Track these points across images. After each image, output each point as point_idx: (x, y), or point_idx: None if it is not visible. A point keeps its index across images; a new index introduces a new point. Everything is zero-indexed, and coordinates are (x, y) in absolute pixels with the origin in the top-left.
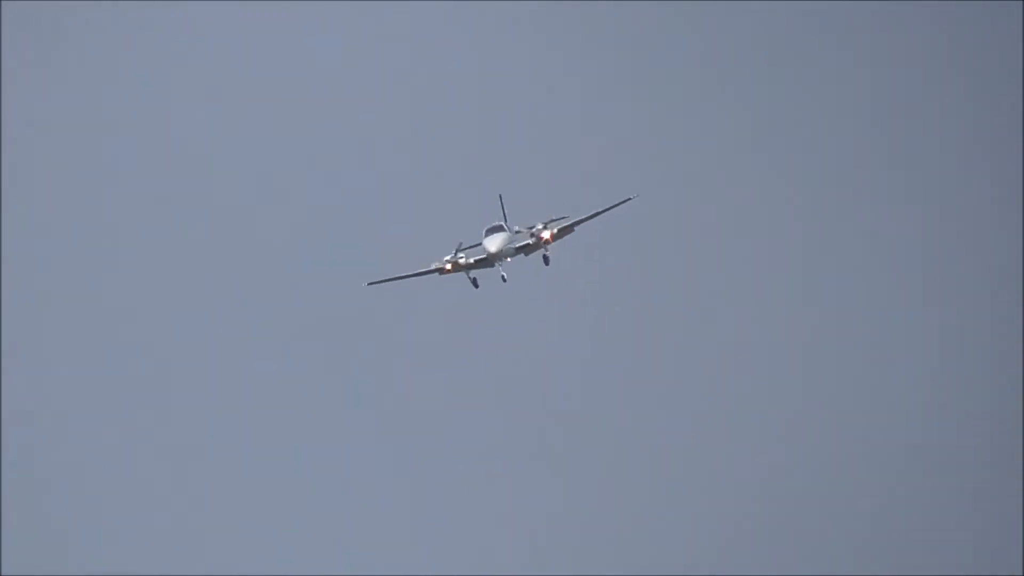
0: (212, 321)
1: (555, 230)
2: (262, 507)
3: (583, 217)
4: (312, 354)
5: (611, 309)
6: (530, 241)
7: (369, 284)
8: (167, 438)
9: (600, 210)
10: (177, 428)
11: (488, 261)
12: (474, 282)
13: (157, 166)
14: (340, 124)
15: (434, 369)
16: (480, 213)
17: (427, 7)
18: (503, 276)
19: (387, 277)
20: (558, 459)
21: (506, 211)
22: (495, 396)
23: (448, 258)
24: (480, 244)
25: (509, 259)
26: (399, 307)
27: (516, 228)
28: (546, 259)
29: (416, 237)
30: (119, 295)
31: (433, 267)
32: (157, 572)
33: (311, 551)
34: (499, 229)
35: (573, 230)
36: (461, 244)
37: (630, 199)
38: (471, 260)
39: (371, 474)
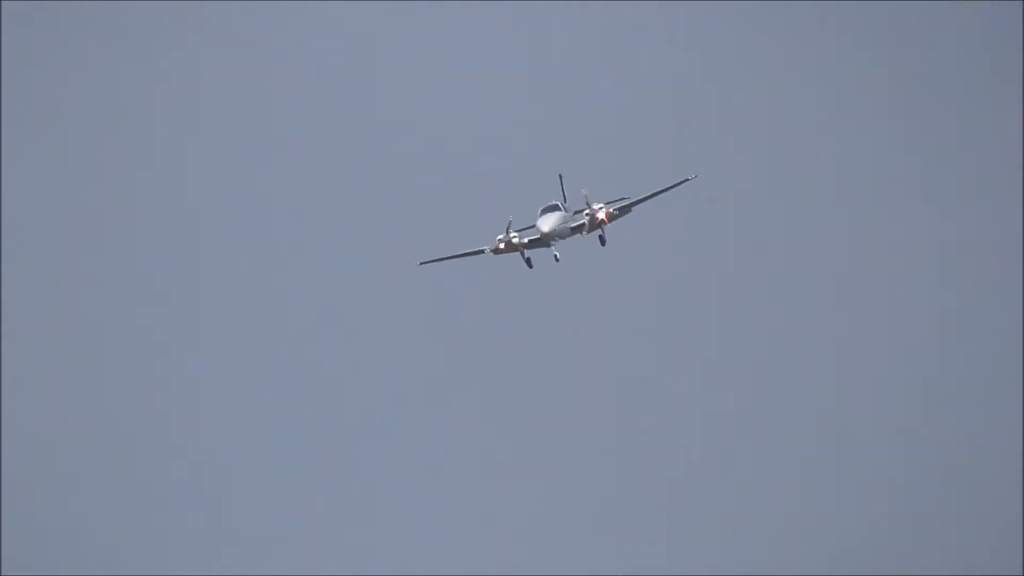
0: (231, 315)
1: (611, 210)
2: (269, 506)
3: (640, 197)
4: (370, 337)
5: (668, 293)
6: (585, 221)
7: (421, 264)
8: (172, 437)
9: (658, 190)
10: (180, 427)
11: (543, 241)
12: (528, 262)
13: (159, 167)
14: (392, 108)
15: (483, 351)
16: (542, 193)
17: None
18: (556, 256)
19: (439, 257)
20: (616, 450)
21: (565, 191)
22: (546, 382)
23: (501, 237)
24: (534, 225)
25: (564, 239)
26: (450, 288)
27: (577, 209)
28: (602, 239)
29: (473, 218)
30: (121, 295)
31: (485, 247)
32: (158, 572)
33: (344, 552)
34: (554, 209)
35: (630, 210)
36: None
37: (688, 179)
38: (525, 240)
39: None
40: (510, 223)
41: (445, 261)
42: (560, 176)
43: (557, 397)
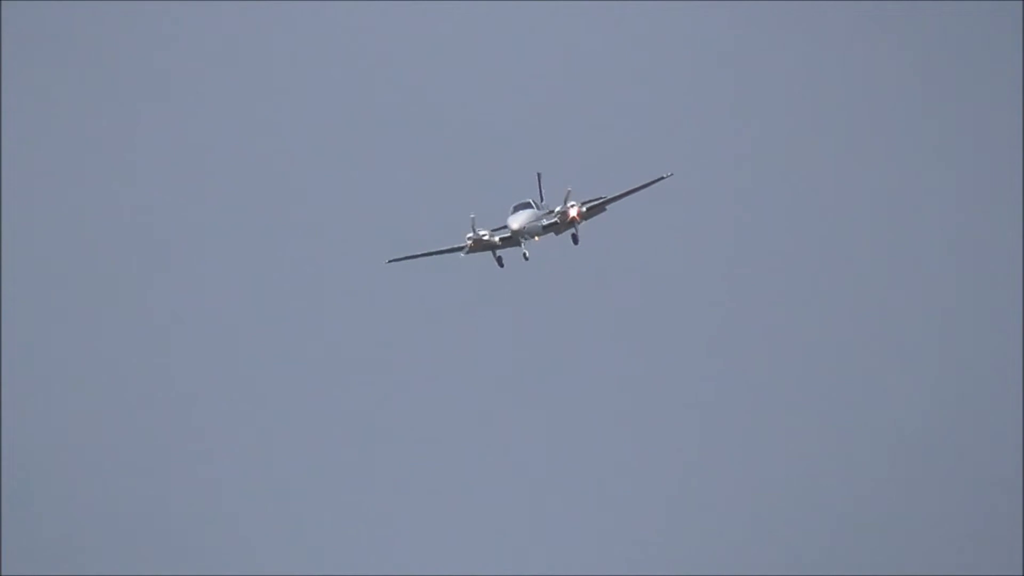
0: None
1: (583, 208)
2: (267, 505)
3: (615, 195)
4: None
5: (643, 294)
6: (557, 219)
7: (390, 262)
8: (170, 436)
9: (633, 188)
10: (179, 425)
11: (514, 239)
12: (499, 261)
13: (159, 167)
14: (384, 105)
15: (449, 354)
16: (527, 192)
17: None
18: (525, 254)
19: (408, 255)
20: (605, 449)
21: (543, 190)
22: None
23: (471, 235)
24: (505, 225)
25: (537, 238)
26: (419, 286)
27: (548, 207)
28: (575, 238)
29: (449, 216)
30: (122, 295)
31: (456, 245)
32: (159, 572)
33: (326, 551)
34: (526, 206)
35: (604, 209)
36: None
37: (663, 177)
38: (496, 238)
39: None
40: (473, 220)
41: (415, 259)
42: (538, 175)
43: (538, 395)
